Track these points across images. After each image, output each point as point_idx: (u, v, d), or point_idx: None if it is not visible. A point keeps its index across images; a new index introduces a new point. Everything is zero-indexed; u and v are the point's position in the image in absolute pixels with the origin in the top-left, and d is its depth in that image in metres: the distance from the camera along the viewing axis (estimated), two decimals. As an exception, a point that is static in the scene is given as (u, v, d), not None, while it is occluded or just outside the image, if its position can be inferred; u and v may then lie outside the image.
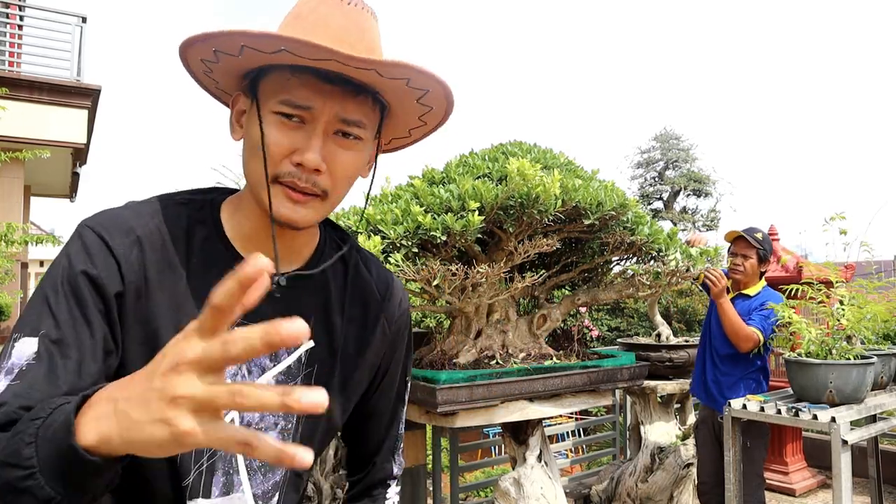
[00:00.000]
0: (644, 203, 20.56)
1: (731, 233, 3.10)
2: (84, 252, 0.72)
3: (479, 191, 2.05)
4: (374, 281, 0.94)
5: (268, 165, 0.74)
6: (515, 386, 2.21)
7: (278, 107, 0.74)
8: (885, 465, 3.65)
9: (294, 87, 0.73)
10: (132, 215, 0.77)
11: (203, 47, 0.74)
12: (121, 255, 0.73)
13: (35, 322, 0.68)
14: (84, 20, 8.09)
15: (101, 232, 0.74)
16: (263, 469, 0.82)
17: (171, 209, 0.80)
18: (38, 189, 10.43)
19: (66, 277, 0.71)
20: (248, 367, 0.80)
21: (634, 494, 3.53)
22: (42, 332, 0.67)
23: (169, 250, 0.77)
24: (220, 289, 0.45)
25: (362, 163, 0.81)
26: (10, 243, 5.05)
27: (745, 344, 2.85)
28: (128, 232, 0.75)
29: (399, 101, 0.80)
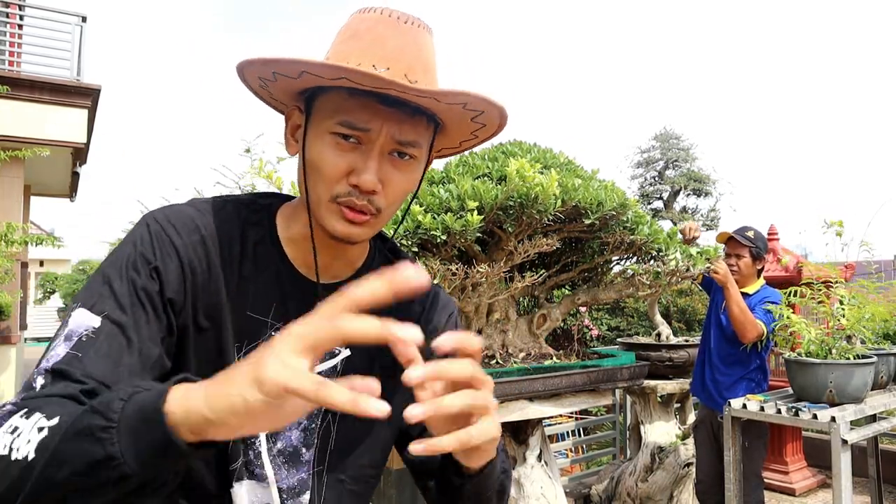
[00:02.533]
0: (644, 203, 20.55)
1: (722, 234, 3.12)
2: (150, 242, 0.74)
3: (478, 190, 2.05)
4: (435, 312, 0.94)
5: (325, 186, 0.77)
6: (515, 385, 2.21)
7: (336, 127, 0.75)
8: (885, 465, 3.65)
9: (352, 109, 0.74)
10: (197, 213, 0.79)
11: (262, 69, 0.76)
12: (183, 251, 0.75)
13: (97, 300, 0.70)
14: (84, 20, 8.08)
15: (165, 226, 0.76)
16: (287, 464, 0.84)
17: (230, 209, 0.83)
18: (38, 189, 10.42)
19: (131, 263, 0.73)
20: None
21: (634, 494, 3.53)
22: (105, 312, 0.69)
23: (226, 249, 0.79)
24: (367, 286, 0.52)
25: (416, 181, 0.82)
26: (10, 243, 5.06)
27: (749, 332, 2.82)
28: (193, 229, 0.77)
29: (453, 120, 0.82)
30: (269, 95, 0.85)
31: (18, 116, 7.40)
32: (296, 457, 0.84)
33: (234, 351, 0.79)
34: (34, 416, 0.56)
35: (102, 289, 0.71)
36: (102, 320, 0.68)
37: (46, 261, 20.92)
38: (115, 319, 0.69)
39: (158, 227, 0.75)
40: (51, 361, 0.64)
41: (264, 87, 0.81)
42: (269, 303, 0.81)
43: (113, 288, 0.71)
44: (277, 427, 0.54)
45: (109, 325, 0.68)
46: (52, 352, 0.66)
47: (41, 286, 18.70)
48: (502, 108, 0.78)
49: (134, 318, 0.70)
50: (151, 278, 0.73)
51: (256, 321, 0.80)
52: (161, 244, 0.74)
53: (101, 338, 0.67)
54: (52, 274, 18.90)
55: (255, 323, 0.80)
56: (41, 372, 0.64)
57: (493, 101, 0.75)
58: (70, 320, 0.68)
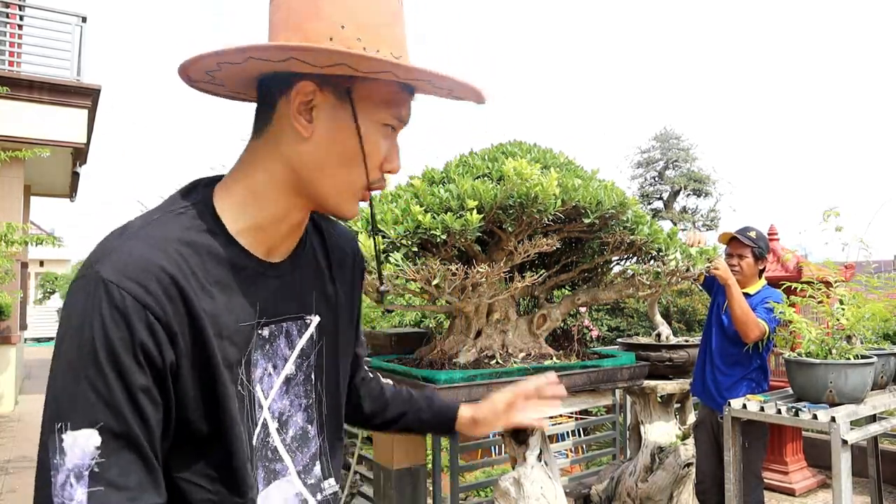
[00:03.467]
0: (644, 203, 20.54)
1: (724, 234, 3.11)
2: (120, 318, 0.64)
3: (478, 190, 2.05)
4: (343, 241, 0.98)
5: (368, 172, 0.79)
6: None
7: (390, 119, 0.79)
8: (885, 465, 3.65)
9: (403, 102, 0.79)
10: (150, 250, 0.69)
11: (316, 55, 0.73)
12: (162, 307, 0.67)
13: (84, 409, 0.62)
14: (84, 20, 8.08)
15: (130, 288, 0.65)
16: (301, 447, 0.86)
17: (175, 229, 0.73)
18: (38, 189, 10.42)
19: (108, 354, 0.63)
20: (274, 363, 0.82)
21: (634, 494, 3.53)
22: (101, 424, 0.62)
23: (193, 274, 0.71)
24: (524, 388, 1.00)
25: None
26: (10, 243, 5.06)
27: (751, 332, 2.81)
28: (158, 273, 0.67)
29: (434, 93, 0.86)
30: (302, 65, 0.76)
31: (18, 116, 7.41)
32: (305, 437, 0.87)
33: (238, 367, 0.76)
34: None
35: (87, 393, 0.62)
36: (102, 434, 0.62)
37: (46, 261, 20.92)
38: (118, 431, 0.63)
39: (121, 293, 0.65)
40: None
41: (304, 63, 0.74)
42: (251, 304, 0.78)
43: (97, 390, 0.62)
44: None
45: (112, 440, 0.62)
46: (65, 492, 0.60)
47: (41, 286, 18.69)
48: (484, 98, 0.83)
49: (138, 419, 0.64)
50: (136, 360, 0.64)
51: (247, 328, 0.78)
52: (134, 312, 0.65)
53: (111, 460, 0.62)
54: (52, 274, 18.90)
55: (245, 330, 0.77)
56: None
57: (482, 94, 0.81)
58: (65, 447, 0.61)
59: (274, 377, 0.82)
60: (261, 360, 0.80)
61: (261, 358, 0.80)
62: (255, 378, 0.79)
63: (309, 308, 0.87)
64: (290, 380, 0.84)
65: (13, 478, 4.99)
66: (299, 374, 0.86)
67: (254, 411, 0.79)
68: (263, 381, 0.81)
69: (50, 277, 18.57)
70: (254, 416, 0.79)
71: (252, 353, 0.78)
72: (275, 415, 0.82)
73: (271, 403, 0.82)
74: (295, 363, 0.85)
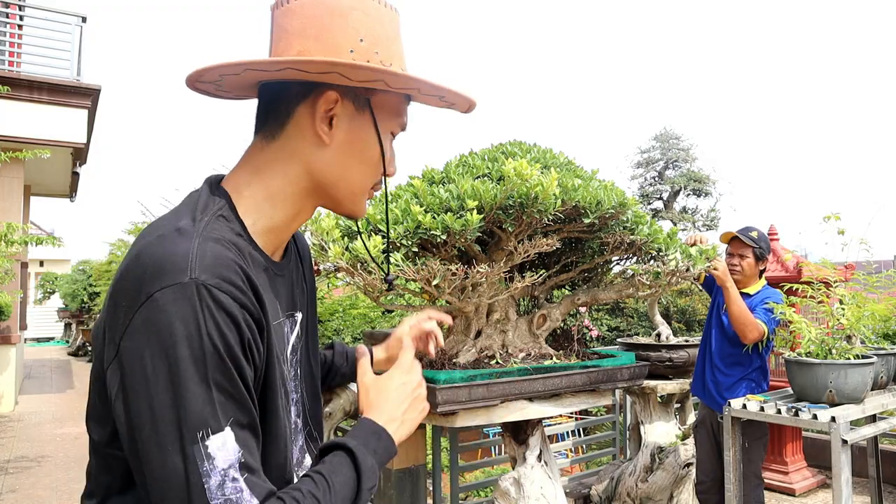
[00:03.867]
0: (644, 203, 20.54)
1: (726, 234, 3.10)
2: (230, 320, 0.67)
3: (478, 190, 2.05)
4: (298, 236, 1.02)
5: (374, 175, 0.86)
6: (515, 386, 2.21)
7: (398, 129, 0.88)
8: (884, 465, 3.65)
9: (405, 111, 0.88)
10: (223, 249, 0.72)
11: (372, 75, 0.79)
12: (253, 304, 0.71)
13: (223, 411, 0.65)
14: (84, 20, 8.08)
15: (230, 290, 0.68)
16: (294, 441, 0.89)
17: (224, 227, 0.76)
18: (38, 189, 10.43)
19: (230, 356, 0.67)
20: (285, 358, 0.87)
21: (634, 494, 3.53)
22: (232, 419, 0.66)
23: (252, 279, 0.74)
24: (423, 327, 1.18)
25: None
26: (10, 243, 5.06)
27: (750, 333, 2.80)
28: (239, 272, 0.71)
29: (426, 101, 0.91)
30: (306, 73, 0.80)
31: (18, 116, 7.41)
32: (296, 431, 0.89)
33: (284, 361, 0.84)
34: None
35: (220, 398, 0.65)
36: (239, 431, 0.66)
37: (46, 261, 20.90)
38: (244, 423, 0.68)
39: (222, 294, 0.67)
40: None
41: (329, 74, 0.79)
42: (278, 301, 0.85)
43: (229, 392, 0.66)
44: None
45: (241, 430, 0.67)
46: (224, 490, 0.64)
47: (41, 286, 18.70)
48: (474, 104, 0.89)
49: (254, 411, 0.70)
50: (247, 360, 0.70)
51: (279, 326, 0.83)
52: (237, 311, 0.68)
53: (247, 448, 0.67)
54: (52, 274, 18.90)
55: (280, 328, 0.84)
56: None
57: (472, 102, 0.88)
58: (213, 454, 0.64)
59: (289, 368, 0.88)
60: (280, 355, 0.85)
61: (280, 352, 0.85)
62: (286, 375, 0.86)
63: (298, 305, 0.92)
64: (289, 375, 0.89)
65: (13, 478, 4.99)
66: (291, 369, 0.88)
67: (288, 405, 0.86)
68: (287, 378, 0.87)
69: (50, 277, 18.58)
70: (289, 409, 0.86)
71: (286, 347, 0.87)
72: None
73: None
74: (289, 358, 0.88)
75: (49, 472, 5.13)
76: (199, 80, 0.80)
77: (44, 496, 4.55)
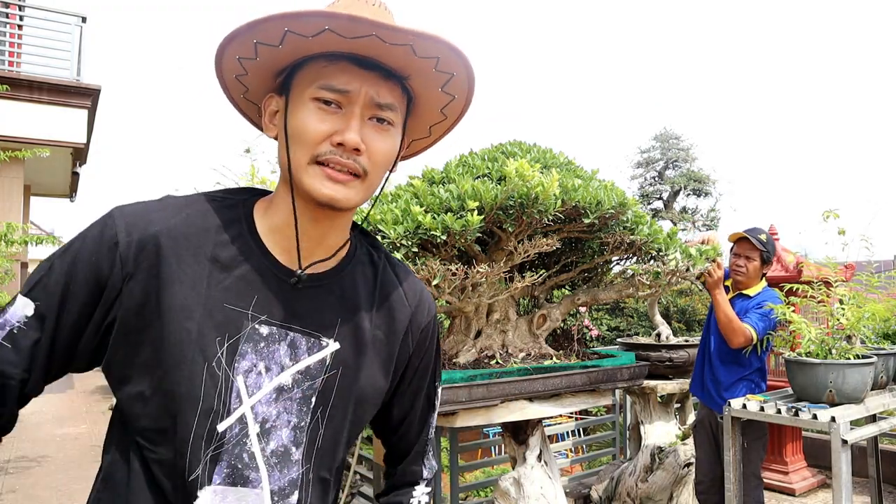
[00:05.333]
0: (644, 203, 20.52)
1: (734, 234, 3.06)
2: (99, 238, 0.78)
3: (478, 191, 2.05)
4: (405, 289, 0.96)
5: (307, 148, 0.79)
6: (515, 386, 2.21)
7: (318, 92, 0.78)
8: (884, 465, 3.65)
9: (332, 73, 0.78)
10: (158, 209, 0.81)
11: (245, 40, 0.78)
12: (128, 252, 0.77)
13: (35, 286, 0.77)
14: (84, 20, 8.08)
15: (120, 224, 0.78)
16: (280, 465, 0.82)
17: (201, 205, 0.83)
18: (38, 189, 10.42)
19: (73, 255, 0.77)
20: (267, 365, 0.81)
21: (634, 494, 3.53)
22: (38, 301, 0.77)
23: (192, 242, 0.80)
24: None
25: (395, 149, 0.85)
26: (10, 243, 5.05)
27: (736, 338, 2.81)
28: (146, 226, 0.78)
29: (424, 87, 0.85)
30: (244, 93, 0.88)
31: (18, 116, 7.40)
32: (287, 457, 0.83)
33: (216, 345, 0.78)
34: None
35: (45, 274, 0.77)
36: (34, 311, 0.76)
37: (46, 261, 20.91)
38: (42, 313, 0.76)
39: (113, 225, 0.78)
40: None
41: (242, 76, 0.84)
42: (250, 295, 0.81)
43: (49, 274, 0.77)
44: None
45: (36, 318, 0.76)
46: None
47: (41, 286, 18.69)
48: (470, 67, 0.82)
49: (57, 310, 0.77)
50: (86, 280, 0.77)
51: (236, 313, 0.79)
52: (106, 241, 0.77)
53: (26, 330, 0.76)
54: (51, 274, 18.90)
55: (234, 315, 0.79)
56: None
57: (464, 54, 0.80)
58: (10, 308, 0.77)
59: (264, 378, 0.81)
60: (250, 354, 0.80)
61: (251, 352, 0.80)
62: (238, 367, 0.79)
63: (327, 331, 0.86)
64: (282, 390, 0.82)
65: (13, 478, 4.99)
66: (296, 389, 0.83)
67: (227, 396, 0.78)
68: (250, 376, 0.80)
69: (50, 277, 18.59)
70: (227, 401, 0.78)
71: (241, 342, 0.79)
72: (257, 418, 0.80)
73: (256, 405, 0.80)
74: (293, 377, 0.83)
75: (49, 472, 5.13)
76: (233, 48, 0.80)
77: (44, 496, 4.55)
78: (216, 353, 0.78)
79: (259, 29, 0.75)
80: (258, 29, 0.75)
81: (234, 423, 0.78)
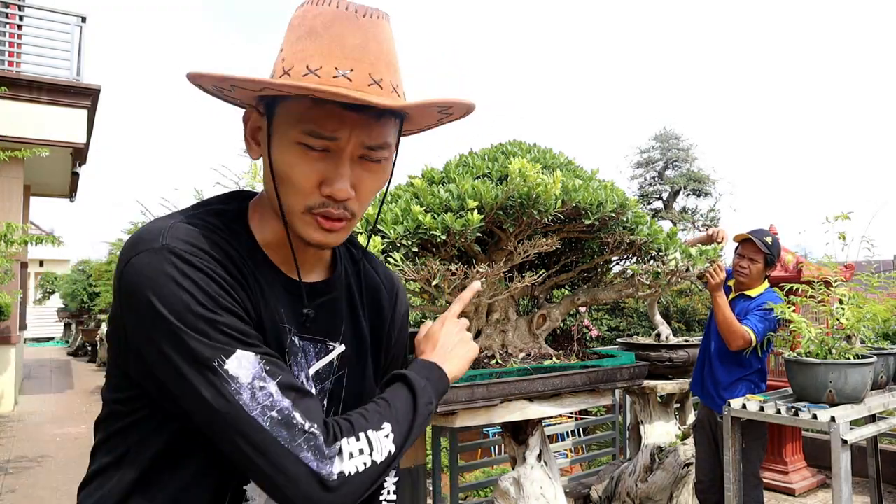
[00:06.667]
0: (644, 203, 20.52)
1: (739, 235, 3.04)
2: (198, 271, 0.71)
3: (478, 190, 2.04)
4: (384, 282, 0.98)
5: (298, 198, 0.76)
6: (515, 386, 2.21)
7: (303, 137, 0.73)
8: (884, 465, 3.65)
9: (318, 118, 0.73)
10: (200, 230, 0.75)
11: (218, 83, 0.75)
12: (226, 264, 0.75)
13: (227, 340, 0.70)
14: (84, 20, 8.08)
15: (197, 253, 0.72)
16: None
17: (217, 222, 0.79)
18: (38, 189, 10.42)
19: (203, 295, 0.70)
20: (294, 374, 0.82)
21: (634, 494, 3.53)
22: (237, 342, 0.70)
23: (239, 262, 0.77)
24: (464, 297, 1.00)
25: (387, 177, 0.83)
26: (9, 243, 5.06)
27: (735, 341, 2.82)
28: (212, 244, 0.75)
29: (421, 116, 0.83)
30: (230, 96, 0.84)
31: (18, 116, 7.40)
32: None
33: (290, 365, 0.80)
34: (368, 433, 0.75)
35: (216, 332, 0.69)
36: (249, 350, 0.70)
37: (46, 261, 20.87)
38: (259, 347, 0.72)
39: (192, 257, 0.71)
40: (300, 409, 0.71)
41: (222, 92, 0.80)
42: (279, 310, 0.81)
43: (221, 327, 0.70)
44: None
45: (256, 349, 0.72)
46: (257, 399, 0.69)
47: (41, 286, 18.68)
48: (470, 105, 0.80)
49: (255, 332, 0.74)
50: (226, 289, 0.73)
51: (283, 329, 0.81)
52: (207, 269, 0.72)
53: (268, 360, 0.71)
54: (51, 274, 18.87)
55: (283, 332, 0.81)
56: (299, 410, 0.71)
57: (462, 101, 0.78)
58: (233, 374, 0.68)
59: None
60: (294, 367, 0.82)
61: (294, 365, 0.82)
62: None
63: (334, 335, 0.87)
64: None
65: (13, 478, 4.99)
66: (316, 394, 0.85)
67: None
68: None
69: (50, 277, 18.55)
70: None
71: (289, 358, 0.81)
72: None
73: None
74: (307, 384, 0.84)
75: (49, 473, 5.13)
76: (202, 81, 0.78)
77: (43, 496, 4.54)
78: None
79: (231, 81, 0.73)
80: (229, 82, 0.73)
81: None
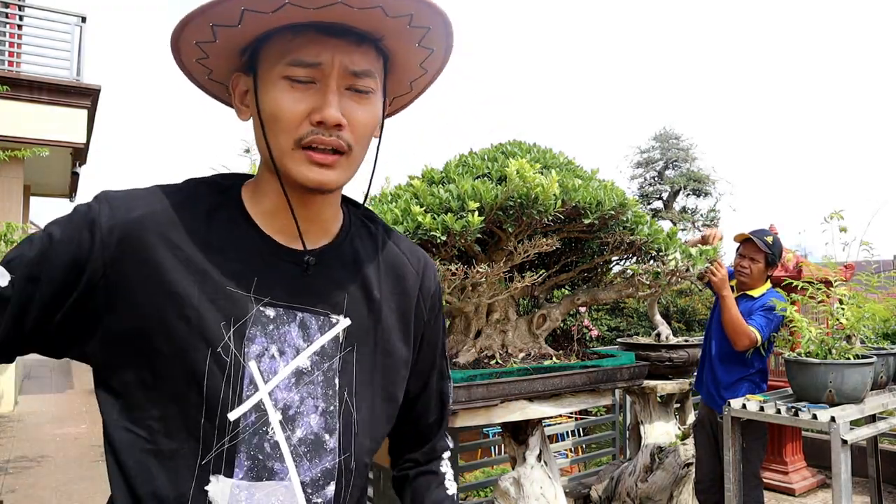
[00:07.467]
0: (644, 203, 20.52)
1: (740, 235, 3.04)
2: (81, 220, 0.75)
3: (478, 191, 2.05)
4: (408, 256, 0.94)
5: (287, 132, 0.75)
6: (515, 386, 2.21)
7: (287, 70, 0.74)
8: (884, 465, 3.65)
9: (299, 46, 0.74)
10: (145, 195, 0.79)
11: (200, 24, 0.73)
12: (110, 237, 0.75)
13: (13, 259, 0.75)
14: (84, 20, 8.08)
15: (104, 208, 0.76)
16: (310, 454, 0.78)
17: (191, 189, 0.82)
18: (38, 189, 10.42)
19: (54, 234, 0.75)
20: (281, 349, 0.78)
21: (634, 494, 3.53)
22: (13, 276, 0.74)
23: (183, 227, 0.77)
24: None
25: (377, 116, 0.82)
26: (9, 243, 5.06)
27: (741, 341, 2.82)
28: (130, 210, 0.76)
29: (400, 45, 0.81)
30: (208, 74, 0.83)
31: (18, 116, 7.40)
32: (318, 445, 0.79)
33: (222, 330, 0.75)
34: None
35: (24, 251, 0.75)
36: (9, 281, 0.74)
37: (46, 261, 20.87)
38: (13, 284, 0.75)
39: (97, 210, 0.76)
40: None
41: (203, 59, 0.79)
42: (250, 277, 0.78)
43: (31, 252, 0.75)
44: None
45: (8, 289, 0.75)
46: None
47: (41, 286, 18.69)
48: (447, 19, 0.78)
49: (29, 285, 0.74)
50: (62, 256, 0.74)
51: (238, 296, 0.77)
52: (84, 227, 0.75)
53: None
54: (51, 274, 18.89)
55: (237, 298, 0.77)
56: None
57: (438, 6, 0.75)
58: None
59: (279, 362, 0.78)
60: (260, 338, 0.77)
61: (261, 335, 0.77)
62: (249, 352, 0.76)
63: (337, 308, 0.83)
64: (301, 373, 0.79)
65: (13, 478, 4.99)
66: (316, 372, 0.80)
67: (239, 384, 0.75)
68: (263, 360, 0.77)
69: (50, 277, 18.58)
70: (238, 388, 0.75)
71: (249, 326, 0.77)
72: (278, 405, 0.77)
73: (274, 390, 0.77)
74: (311, 359, 0.80)
75: (49, 473, 5.13)
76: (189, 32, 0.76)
77: (43, 496, 4.55)
78: (222, 339, 0.75)
79: (214, 11, 0.72)
80: (213, 11, 0.72)
81: (249, 412, 0.75)
